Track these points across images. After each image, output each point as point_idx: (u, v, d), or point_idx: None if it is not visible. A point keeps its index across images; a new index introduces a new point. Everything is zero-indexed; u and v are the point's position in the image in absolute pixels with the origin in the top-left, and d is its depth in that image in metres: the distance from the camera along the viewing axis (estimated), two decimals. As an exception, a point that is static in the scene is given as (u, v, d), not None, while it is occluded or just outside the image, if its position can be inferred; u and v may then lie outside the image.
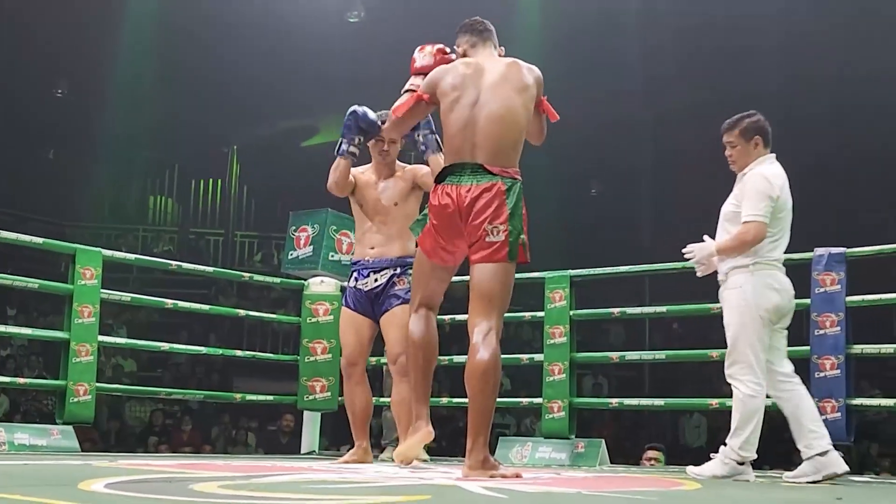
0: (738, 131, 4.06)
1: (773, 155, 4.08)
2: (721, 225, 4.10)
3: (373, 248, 4.49)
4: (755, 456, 3.99)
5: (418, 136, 4.25)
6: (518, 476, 3.28)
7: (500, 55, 3.63)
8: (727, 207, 4.08)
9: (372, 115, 4.35)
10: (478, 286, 3.36)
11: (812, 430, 3.93)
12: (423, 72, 3.66)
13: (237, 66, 12.29)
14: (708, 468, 3.96)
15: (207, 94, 12.83)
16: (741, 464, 3.93)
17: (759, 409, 3.92)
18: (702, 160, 12.45)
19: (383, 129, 3.78)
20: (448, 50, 3.76)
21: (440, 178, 3.43)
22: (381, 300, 4.46)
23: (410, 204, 4.50)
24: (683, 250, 4.15)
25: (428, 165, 4.32)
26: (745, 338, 3.91)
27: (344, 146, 4.36)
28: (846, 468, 3.91)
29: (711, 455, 4.01)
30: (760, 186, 3.94)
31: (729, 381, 3.98)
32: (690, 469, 4.05)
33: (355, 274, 4.54)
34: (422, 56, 3.74)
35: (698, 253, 4.05)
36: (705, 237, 4.10)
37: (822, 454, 3.90)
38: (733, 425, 3.94)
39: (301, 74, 12.34)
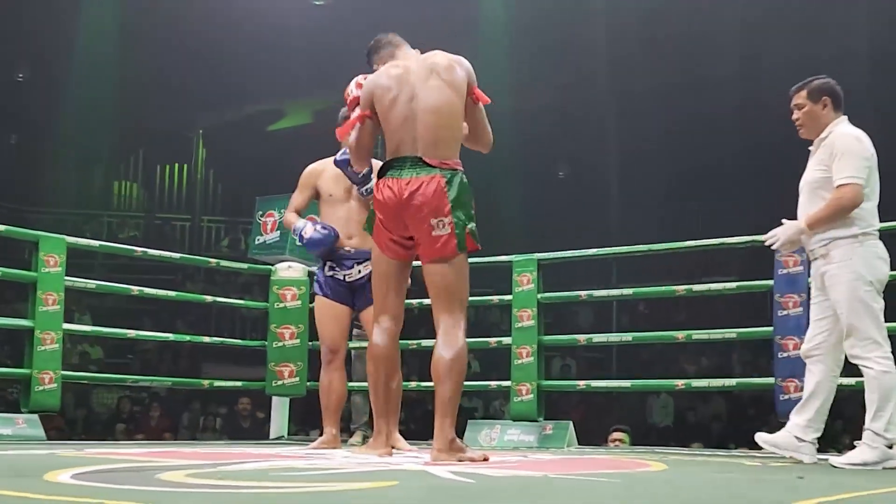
0: (807, 92, 3.91)
1: (846, 117, 3.91)
2: (808, 195, 3.89)
3: (351, 237, 4.51)
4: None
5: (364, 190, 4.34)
6: (485, 459, 3.31)
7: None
8: (814, 175, 3.87)
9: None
10: (434, 284, 3.39)
11: (812, 419, 3.89)
12: (354, 103, 3.69)
13: (202, 49, 12.18)
14: (856, 455, 3.68)
15: (172, 78, 12.72)
16: (890, 447, 3.65)
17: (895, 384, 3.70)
18: (669, 143, 12.60)
19: (353, 164, 3.91)
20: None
21: (381, 173, 3.46)
22: (364, 291, 4.45)
23: None
24: (765, 238, 3.96)
25: None
26: (862, 313, 3.70)
27: (302, 238, 4.44)
28: (814, 461, 3.88)
29: (856, 442, 3.76)
30: (853, 147, 3.77)
31: (854, 361, 3.76)
32: (834, 459, 3.77)
33: (331, 263, 4.53)
34: (355, 87, 3.75)
35: (782, 235, 3.84)
36: (784, 221, 3.91)
37: (800, 439, 3.90)
38: (871, 407, 3.67)
39: (267, 58, 12.25)
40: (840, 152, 3.78)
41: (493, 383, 6.31)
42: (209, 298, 7.02)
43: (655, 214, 12.89)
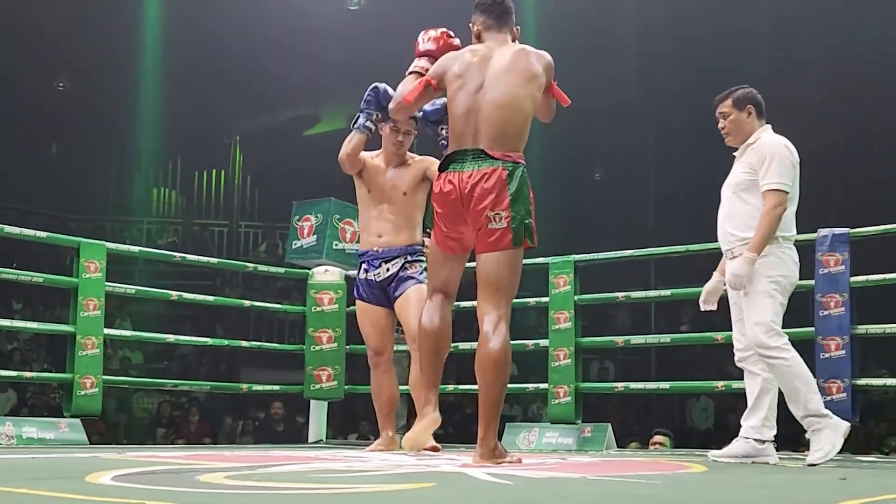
0: (731, 101, 4.03)
1: (770, 126, 4.04)
2: (730, 197, 3.98)
3: (381, 236, 4.46)
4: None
5: (442, 130, 4.17)
6: (519, 461, 3.31)
7: (514, 37, 3.59)
8: (740, 177, 3.95)
9: (392, 92, 4.32)
10: (484, 275, 3.35)
11: (767, 418, 3.97)
12: (427, 54, 3.65)
13: (238, 55, 12.27)
14: (825, 441, 3.72)
15: (209, 85, 12.83)
16: (762, 443, 3.86)
17: (804, 364, 3.81)
18: (704, 142, 12.49)
19: (389, 110, 3.76)
20: (452, 34, 3.75)
21: (443, 166, 3.43)
22: (395, 286, 4.44)
23: (419, 194, 4.47)
24: (728, 288, 3.94)
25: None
26: (769, 307, 3.79)
27: (361, 120, 4.31)
28: (776, 460, 3.93)
29: (807, 436, 3.83)
30: (782, 153, 3.87)
31: (761, 352, 3.82)
32: (810, 458, 3.74)
33: (364, 265, 4.51)
34: (426, 39, 3.72)
35: (741, 279, 3.79)
36: (715, 275, 4.05)
37: (761, 441, 3.95)
38: (797, 395, 3.75)
39: (302, 63, 12.32)
40: (769, 158, 3.87)
41: (531, 386, 6.30)
42: (247, 303, 7.09)
43: (693, 214, 12.79)
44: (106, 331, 5.43)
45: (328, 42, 12.09)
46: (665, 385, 6.05)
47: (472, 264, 3.52)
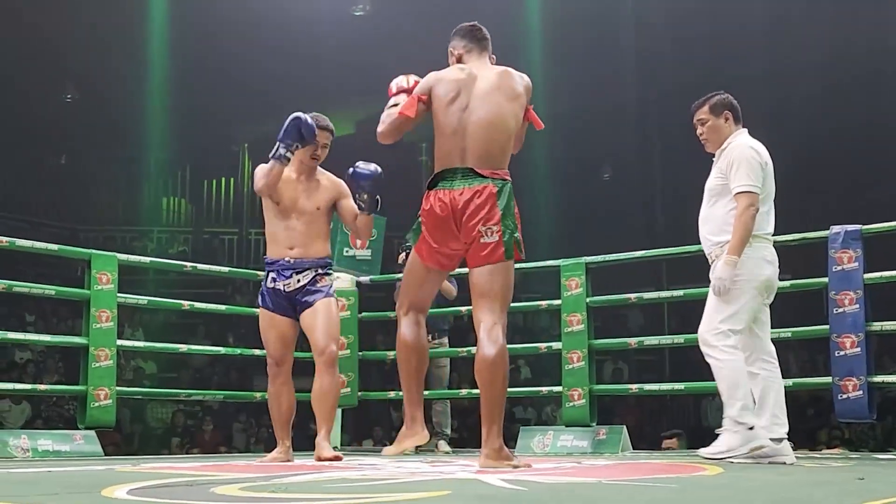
0: (709, 107, 4.12)
1: (746, 130, 4.12)
2: (706, 202, 4.10)
3: (292, 248, 4.35)
4: (756, 421, 3.91)
5: (361, 195, 4.18)
6: (528, 466, 3.33)
7: (492, 62, 3.65)
8: (713, 182, 4.08)
9: (311, 122, 4.31)
10: (478, 287, 3.43)
11: (775, 416, 4.00)
12: (402, 91, 3.62)
13: (244, 62, 12.29)
14: (721, 443, 3.89)
15: (216, 93, 12.85)
16: (751, 428, 3.87)
17: (742, 370, 3.91)
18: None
19: (379, 133, 3.68)
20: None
21: (433, 184, 3.48)
22: (302, 297, 4.32)
23: (331, 212, 4.45)
24: (715, 289, 3.96)
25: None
26: (724, 305, 3.92)
27: (281, 150, 4.26)
28: (793, 460, 3.97)
29: (716, 431, 4.00)
30: (748, 156, 3.97)
31: (702, 347, 3.97)
32: (702, 451, 3.97)
33: (273, 274, 4.37)
34: (396, 85, 3.68)
35: (724, 281, 3.90)
36: (713, 289, 4.01)
37: (777, 440, 3.96)
38: (724, 396, 3.92)
39: (308, 69, 12.33)
40: (737, 162, 3.97)
41: (545, 389, 6.28)
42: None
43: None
44: (119, 342, 5.44)
45: (334, 48, 12.10)
46: (680, 386, 6.03)
47: (464, 270, 3.55)
